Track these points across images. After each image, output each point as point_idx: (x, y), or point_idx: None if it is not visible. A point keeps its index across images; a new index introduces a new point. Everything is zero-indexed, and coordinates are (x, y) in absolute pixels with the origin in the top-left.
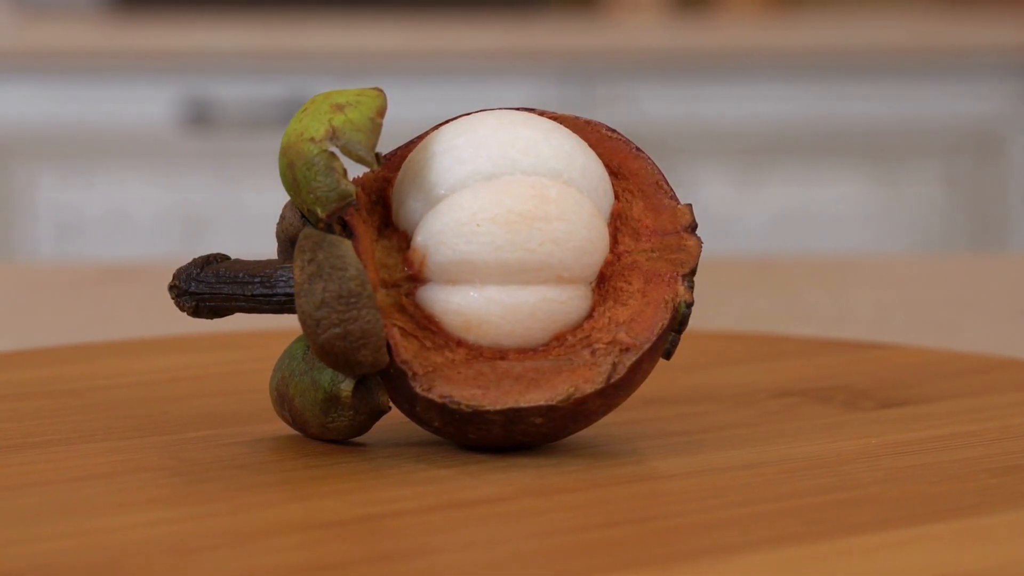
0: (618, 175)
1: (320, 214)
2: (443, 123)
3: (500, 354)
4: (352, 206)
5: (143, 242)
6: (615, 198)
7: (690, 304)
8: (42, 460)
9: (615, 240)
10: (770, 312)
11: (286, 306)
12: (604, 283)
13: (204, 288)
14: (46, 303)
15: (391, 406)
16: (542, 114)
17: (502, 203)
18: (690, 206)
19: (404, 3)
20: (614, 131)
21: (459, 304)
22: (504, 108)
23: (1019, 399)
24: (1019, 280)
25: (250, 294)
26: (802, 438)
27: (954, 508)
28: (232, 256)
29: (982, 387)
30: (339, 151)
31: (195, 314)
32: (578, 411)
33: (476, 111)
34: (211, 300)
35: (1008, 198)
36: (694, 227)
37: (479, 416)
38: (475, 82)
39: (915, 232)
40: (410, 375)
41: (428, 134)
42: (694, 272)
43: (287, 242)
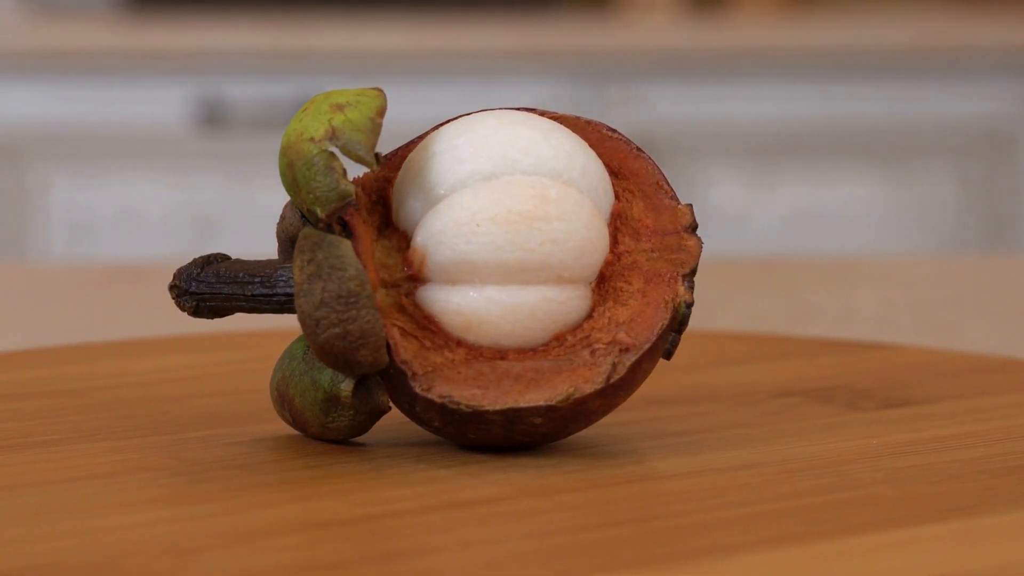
0: (618, 175)
1: (320, 214)
2: (443, 123)
3: (500, 354)
4: (352, 206)
5: (155, 242)
6: (615, 198)
7: (690, 304)
8: (42, 460)
9: (615, 240)
10: (774, 312)
11: (286, 306)
12: (604, 283)
13: (204, 288)
14: (51, 303)
15: (391, 406)
16: (542, 114)
17: (502, 203)
18: (690, 206)
19: (416, 3)
20: (615, 131)
21: (459, 304)
22: (504, 108)
23: (1021, 399)
24: None
25: (250, 294)
26: (803, 438)
27: (954, 508)
28: (239, 255)
29: (985, 388)
30: (339, 151)
31: (195, 314)
32: (578, 411)
33: (477, 111)
34: (211, 300)
35: (1020, 197)
36: (694, 227)
37: (479, 416)
38: (487, 82)
39: (927, 233)
40: (410, 375)
41: (428, 134)
42: (694, 272)
43: (287, 242)
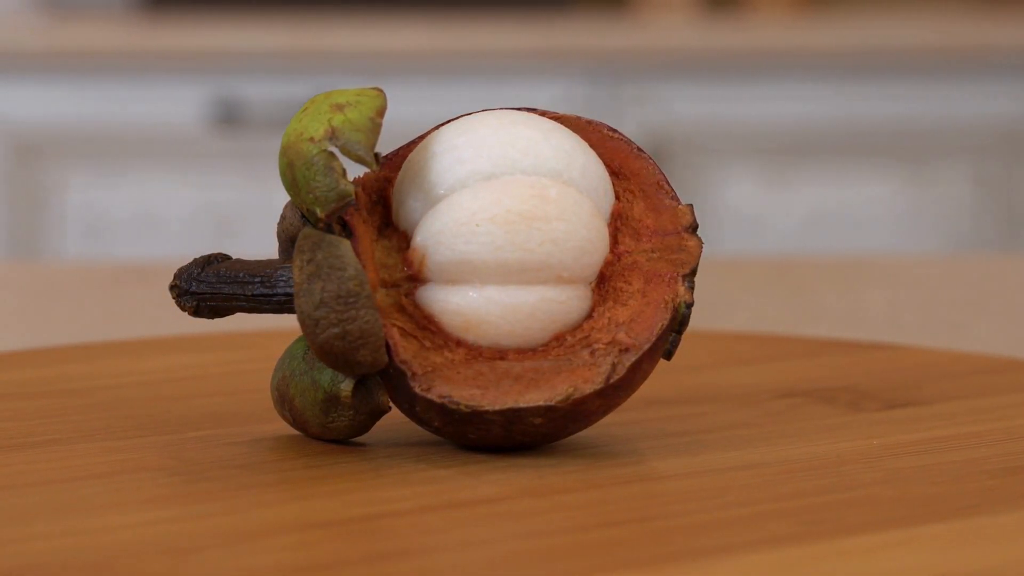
0: (619, 175)
1: (319, 214)
2: (444, 123)
3: (500, 354)
4: (352, 206)
5: (171, 241)
6: (616, 198)
7: (690, 304)
8: (42, 460)
9: (615, 240)
10: (782, 312)
11: (286, 306)
12: (604, 283)
13: (205, 288)
14: (57, 303)
15: (391, 406)
16: (543, 114)
17: (501, 203)
18: (691, 206)
19: (431, 3)
20: (615, 131)
21: (458, 304)
22: (505, 108)
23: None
24: None
25: (250, 294)
26: (804, 439)
27: (952, 509)
28: (254, 255)
29: (988, 388)
30: (338, 151)
31: (196, 314)
32: (577, 411)
33: (478, 111)
34: (212, 300)
35: None
36: (695, 227)
37: (478, 416)
38: (503, 82)
39: (944, 232)
40: (409, 375)
41: (429, 134)
42: (694, 272)
43: (288, 242)
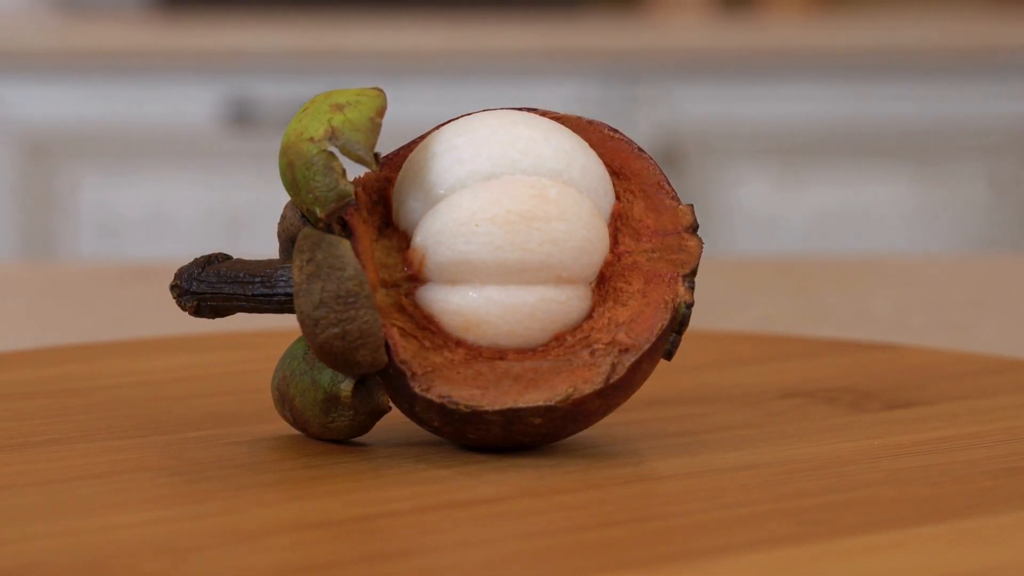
0: (620, 175)
1: (319, 214)
2: (444, 123)
3: (499, 354)
4: (352, 206)
5: (184, 241)
6: (616, 198)
7: (690, 305)
8: (42, 459)
9: (615, 240)
10: (787, 313)
11: (286, 306)
12: (604, 283)
13: (205, 288)
14: (61, 303)
15: (391, 406)
16: (544, 114)
17: (501, 203)
18: (691, 207)
19: (445, 3)
20: (616, 131)
21: (458, 304)
22: (506, 108)
23: None
24: None
25: (250, 294)
26: (804, 439)
27: (952, 509)
28: (268, 255)
29: (990, 389)
30: (338, 151)
31: (196, 314)
32: (577, 411)
33: (478, 111)
34: (212, 300)
35: None
36: (695, 228)
37: (478, 416)
38: (516, 82)
39: (957, 233)
40: (409, 375)
41: (429, 134)
42: (695, 273)
43: (288, 242)
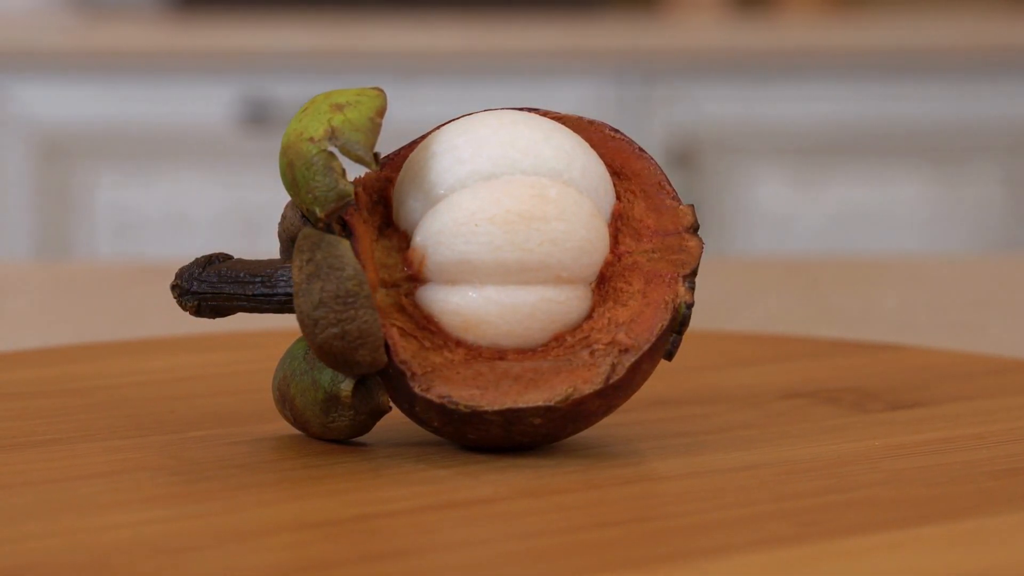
0: (620, 175)
1: (319, 214)
2: (445, 123)
3: (499, 354)
4: (351, 206)
5: (201, 241)
6: (617, 198)
7: (690, 305)
8: (42, 459)
9: (616, 240)
10: (795, 313)
11: (286, 306)
12: (604, 284)
13: (206, 288)
14: (65, 303)
15: (391, 406)
16: (545, 114)
17: (501, 203)
18: (692, 207)
19: (461, 3)
20: (617, 131)
21: (458, 304)
22: (506, 108)
23: None
24: None
25: (251, 294)
26: (805, 440)
27: (951, 510)
28: (276, 254)
29: (994, 389)
30: (338, 151)
31: (197, 313)
32: (577, 412)
33: (479, 111)
34: (213, 300)
35: None
36: (696, 228)
37: (477, 416)
38: (532, 82)
39: (974, 232)
40: (409, 375)
41: (430, 134)
42: (695, 273)
43: (288, 242)
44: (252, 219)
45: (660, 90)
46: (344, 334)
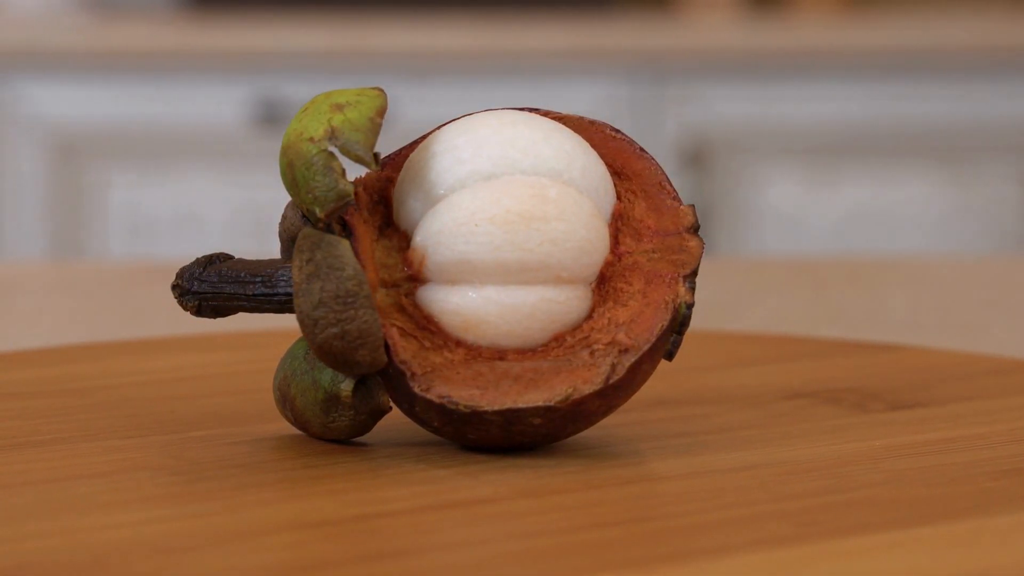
0: (621, 175)
1: (319, 214)
2: (446, 123)
3: (499, 354)
4: (352, 206)
5: (214, 241)
6: (617, 198)
7: (691, 305)
8: (43, 459)
9: (616, 241)
10: (800, 313)
11: (287, 306)
12: (604, 284)
13: (207, 288)
14: (75, 302)
15: (392, 406)
16: (546, 114)
17: (501, 203)
18: (692, 207)
19: (473, 3)
20: (618, 131)
21: (458, 304)
22: (507, 108)
23: None
24: None
25: (251, 294)
26: (806, 440)
27: (950, 511)
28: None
29: (996, 390)
30: (338, 151)
31: (198, 313)
32: (577, 412)
33: (479, 111)
34: (213, 300)
35: None
36: (696, 228)
37: (477, 416)
38: (544, 82)
39: (988, 233)
40: (409, 375)
41: (431, 134)
42: (695, 273)
43: (289, 241)
44: (264, 219)
45: (672, 90)
46: (344, 334)
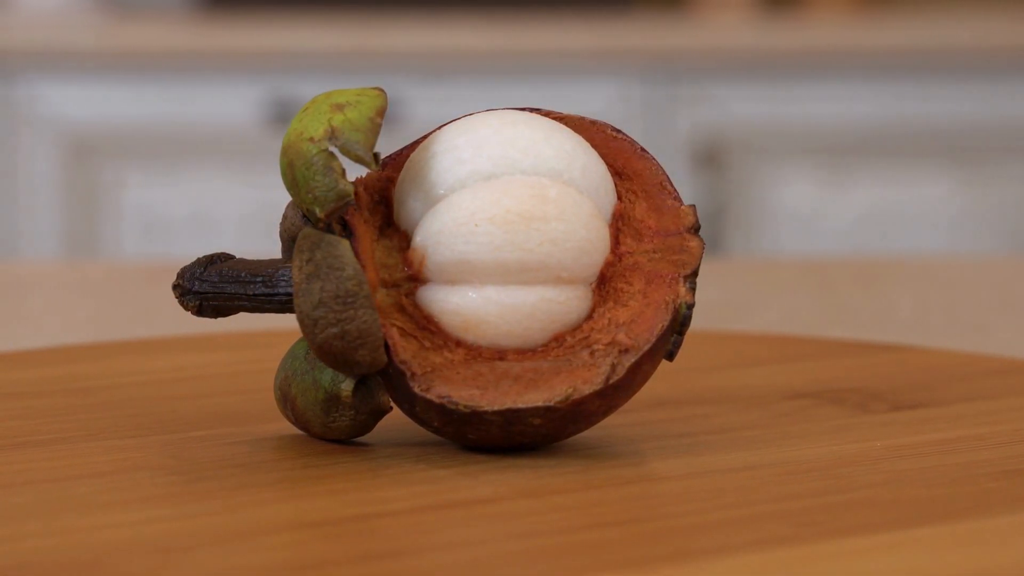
0: (622, 176)
1: (319, 214)
2: (446, 123)
3: (499, 354)
4: (352, 206)
5: (227, 241)
6: (618, 199)
7: (691, 305)
8: (44, 458)
9: (617, 241)
10: (806, 313)
11: (287, 306)
12: (605, 284)
13: (208, 287)
14: (81, 302)
15: (392, 406)
16: (547, 114)
17: (500, 203)
18: (693, 207)
19: (487, 3)
20: (619, 131)
21: (458, 304)
22: (508, 108)
23: None
24: None
25: (252, 293)
26: (807, 440)
27: (949, 512)
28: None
29: (998, 390)
30: (338, 151)
31: (199, 313)
32: (577, 412)
33: (479, 111)
34: (214, 299)
35: None
36: (697, 228)
37: (477, 416)
38: (558, 82)
39: (1003, 233)
40: (409, 375)
41: (431, 134)
42: (696, 273)
43: (290, 241)
44: (277, 219)
45: (686, 90)
46: (344, 334)
